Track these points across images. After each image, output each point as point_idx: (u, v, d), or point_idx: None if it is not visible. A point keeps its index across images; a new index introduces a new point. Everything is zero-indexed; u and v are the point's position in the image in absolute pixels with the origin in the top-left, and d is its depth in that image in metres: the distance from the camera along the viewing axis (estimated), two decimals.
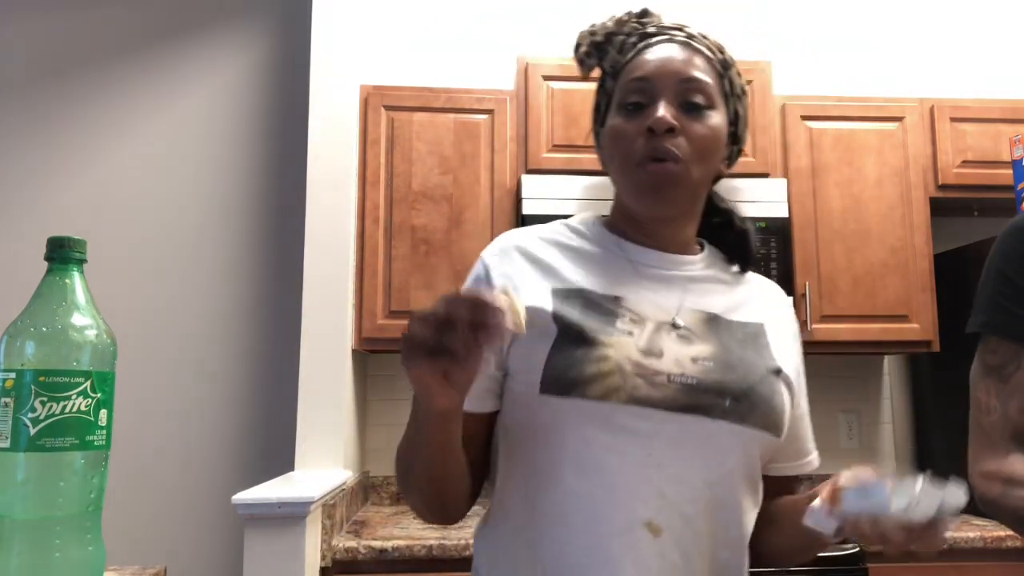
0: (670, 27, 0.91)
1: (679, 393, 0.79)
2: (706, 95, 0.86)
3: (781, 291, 1.00)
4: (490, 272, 0.89)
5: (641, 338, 0.82)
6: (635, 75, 0.87)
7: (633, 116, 0.86)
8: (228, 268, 2.60)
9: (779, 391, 0.84)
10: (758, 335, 0.88)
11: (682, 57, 0.86)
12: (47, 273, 0.76)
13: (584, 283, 0.86)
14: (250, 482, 2.48)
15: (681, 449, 0.79)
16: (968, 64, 2.86)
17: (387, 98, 2.33)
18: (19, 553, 0.69)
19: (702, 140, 0.85)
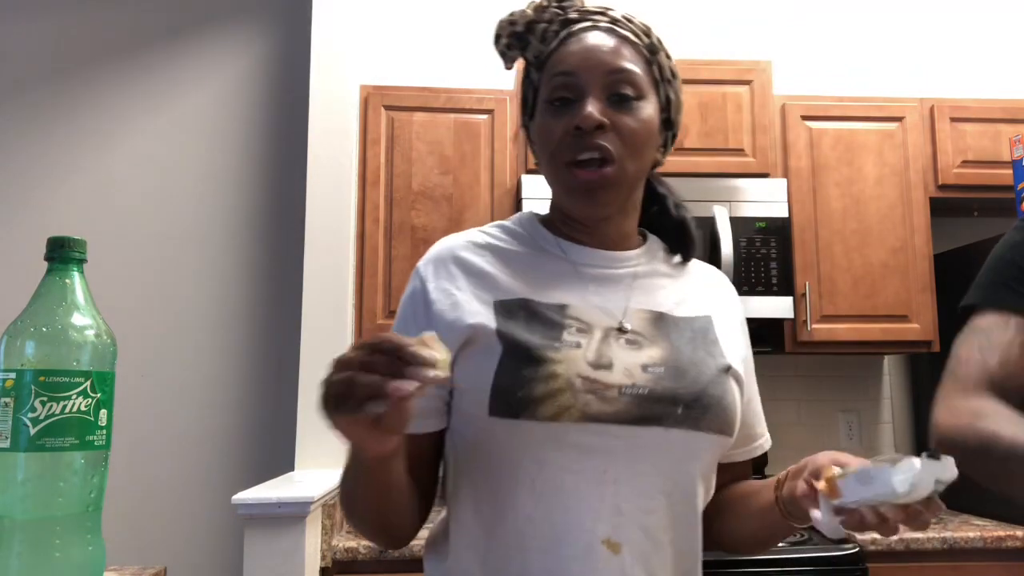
0: (593, 11, 0.87)
1: (631, 405, 0.77)
2: (635, 85, 0.82)
3: (723, 276, 0.99)
4: (427, 287, 0.85)
5: (590, 349, 0.79)
6: (559, 69, 0.83)
7: (560, 113, 0.82)
8: (228, 268, 2.60)
9: (730, 389, 0.83)
10: (707, 329, 0.86)
11: (608, 47, 0.83)
12: (47, 273, 0.76)
13: (526, 292, 0.82)
14: (250, 482, 2.48)
15: (637, 462, 0.77)
16: (968, 64, 2.86)
17: (387, 98, 2.33)
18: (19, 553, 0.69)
19: (633, 134, 0.82)
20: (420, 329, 0.75)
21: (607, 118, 0.80)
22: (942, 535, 1.95)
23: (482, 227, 0.92)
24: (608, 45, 0.83)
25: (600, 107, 0.80)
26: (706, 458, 0.82)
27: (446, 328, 0.79)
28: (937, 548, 1.95)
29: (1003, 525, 2.06)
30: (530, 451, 0.77)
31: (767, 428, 0.96)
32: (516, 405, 0.75)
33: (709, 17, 2.82)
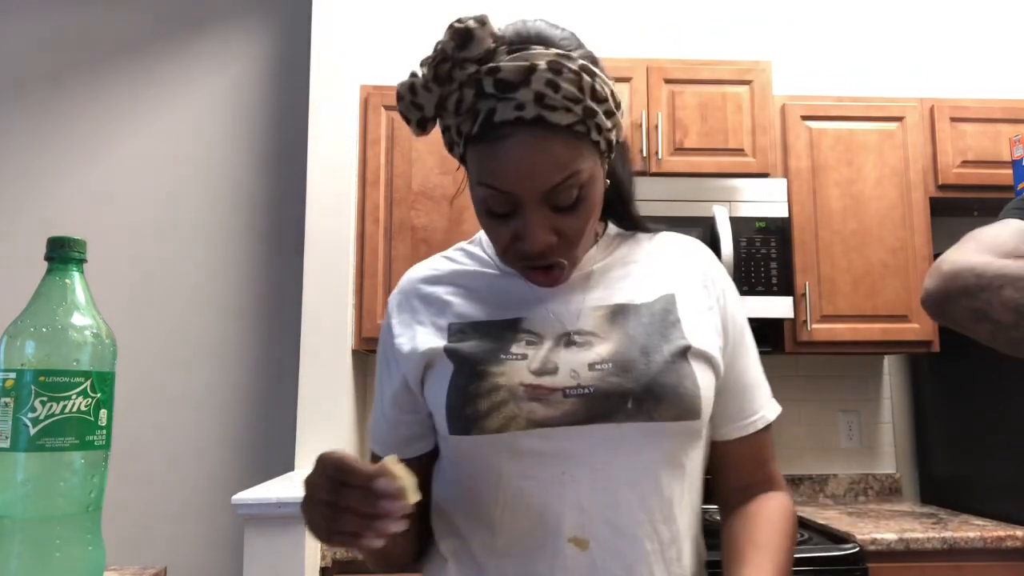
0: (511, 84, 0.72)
1: (577, 406, 0.76)
2: (575, 189, 0.75)
3: (696, 245, 0.92)
4: (391, 322, 0.89)
5: (535, 359, 0.79)
6: (489, 181, 0.75)
7: (499, 220, 0.78)
8: (228, 268, 2.60)
9: (687, 374, 0.79)
10: (667, 311, 0.83)
11: (540, 160, 0.72)
12: (47, 273, 0.76)
13: (480, 313, 0.84)
14: (250, 482, 2.48)
15: (593, 459, 0.77)
16: (968, 64, 2.86)
17: (387, 98, 2.33)
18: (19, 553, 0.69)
19: (580, 228, 0.77)
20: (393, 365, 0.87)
21: (554, 232, 0.76)
22: (942, 535, 1.95)
23: (446, 251, 0.95)
24: (541, 157, 0.72)
25: (541, 220, 0.75)
26: (670, 444, 0.79)
27: (405, 358, 0.84)
28: (937, 548, 1.94)
29: (1003, 525, 2.06)
30: (487, 463, 0.79)
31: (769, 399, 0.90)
32: (466, 421, 0.78)
33: (709, 17, 2.82)
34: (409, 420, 0.87)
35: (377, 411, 0.91)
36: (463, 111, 0.74)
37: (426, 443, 0.88)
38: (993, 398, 2.19)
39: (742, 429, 0.88)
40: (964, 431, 2.35)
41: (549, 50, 0.75)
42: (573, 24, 2.84)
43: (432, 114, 0.76)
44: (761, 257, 2.26)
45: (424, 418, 0.86)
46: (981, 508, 2.25)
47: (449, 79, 0.73)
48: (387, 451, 0.88)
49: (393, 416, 0.88)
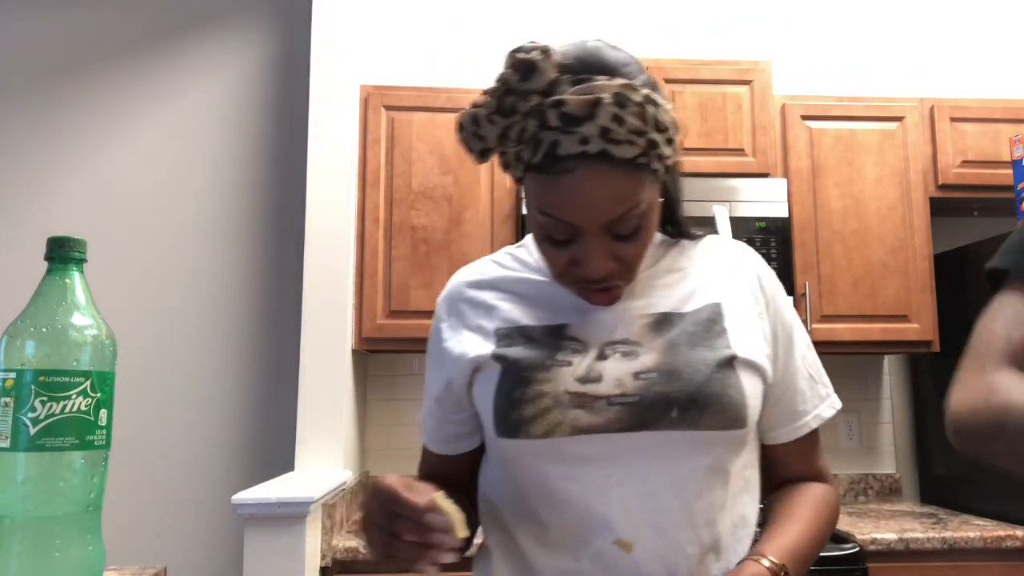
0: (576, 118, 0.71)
1: (622, 414, 0.77)
2: (638, 215, 0.76)
3: (743, 249, 0.91)
4: (440, 325, 0.91)
5: (580, 366, 0.80)
6: (550, 211, 0.75)
7: (558, 246, 0.78)
8: (228, 268, 2.60)
9: (733, 383, 0.79)
10: (713, 321, 0.83)
11: (601, 193, 0.73)
12: (47, 273, 0.76)
13: (527, 319, 0.85)
14: (250, 482, 2.48)
15: (638, 465, 0.78)
16: (968, 64, 2.86)
17: (387, 98, 2.33)
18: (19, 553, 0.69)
19: (638, 253, 0.79)
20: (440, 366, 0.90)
21: (613, 259, 0.77)
22: (942, 535, 1.95)
23: (494, 255, 0.95)
24: (602, 190, 0.73)
25: (600, 247, 0.76)
26: (715, 452, 0.80)
27: (454, 361, 0.86)
28: (937, 548, 1.94)
29: (1003, 525, 2.06)
30: (533, 466, 0.81)
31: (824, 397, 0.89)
32: (512, 426, 0.80)
33: (709, 17, 2.82)
34: (455, 420, 0.89)
35: (428, 406, 0.93)
36: (525, 140, 0.74)
37: (473, 441, 0.91)
38: None
39: (791, 433, 0.88)
40: None
41: (613, 81, 0.73)
42: (573, 24, 2.85)
43: (494, 145, 0.76)
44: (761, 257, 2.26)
45: (469, 418, 0.89)
46: (981, 508, 2.24)
47: (513, 111, 0.73)
48: (436, 447, 0.94)
49: (439, 415, 0.91)
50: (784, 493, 0.89)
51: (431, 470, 0.96)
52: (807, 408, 0.88)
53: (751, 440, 0.86)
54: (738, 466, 0.83)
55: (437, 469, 0.95)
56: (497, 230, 2.29)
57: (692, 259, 0.89)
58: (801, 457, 0.90)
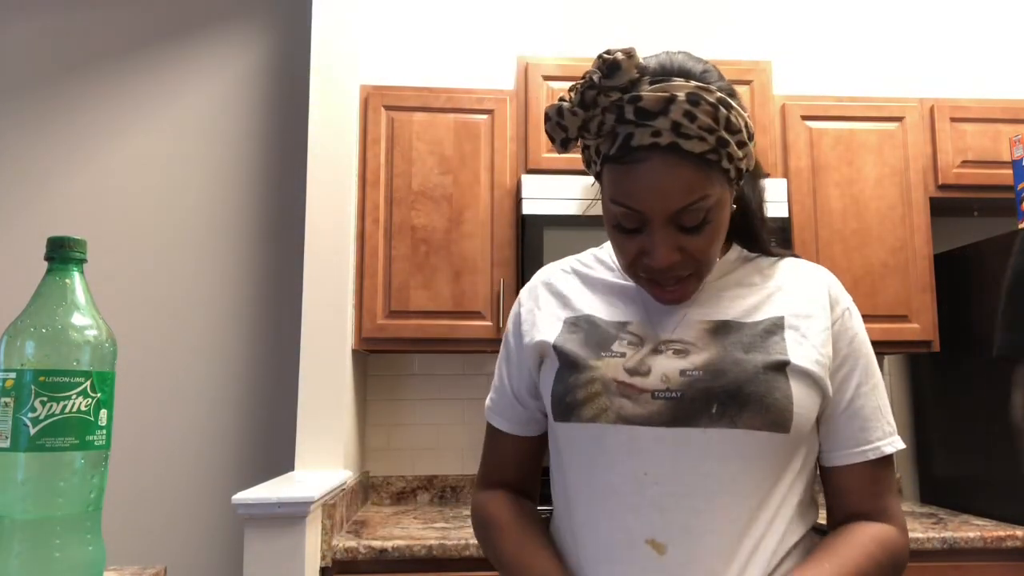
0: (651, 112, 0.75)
1: (664, 408, 0.80)
2: (704, 208, 0.78)
3: (818, 271, 0.91)
4: (520, 310, 0.98)
5: (632, 359, 0.83)
6: (621, 199, 0.79)
7: (628, 234, 0.82)
8: (228, 268, 2.60)
9: (780, 386, 0.79)
10: (771, 332, 0.83)
11: (671, 183, 0.76)
12: (47, 273, 0.76)
13: (593, 311, 0.90)
14: (250, 482, 2.48)
15: (675, 463, 0.79)
16: (968, 64, 2.86)
17: (387, 98, 2.33)
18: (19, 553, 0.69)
19: (707, 250, 0.81)
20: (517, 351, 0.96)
21: (679, 250, 0.80)
22: (942, 535, 1.95)
23: (580, 255, 1.01)
24: (672, 180, 0.76)
25: (668, 238, 0.79)
26: (755, 454, 0.78)
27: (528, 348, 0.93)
28: (937, 548, 1.94)
29: (1003, 525, 2.06)
30: (581, 452, 0.85)
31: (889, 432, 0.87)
32: (564, 409, 0.85)
33: (709, 17, 2.82)
34: (531, 405, 0.96)
35: (501, 387, 0.98)
36: (603, 133, 0.79)
37: (538, 427, 0.98)
38: (993, 398, 2.19)
39: (853, 457, 0.86)
40: (964, 431, 2.35)
41: (689, 82, 0.77)
42: (573, 24, 2.85)
43: (575, 135, 0.80)
44: None
45: (536, 405, 0.96)
46: (981, 508, 2.24)
47: (594, 104, 0.78)
48: (507, 427, 0.98)
49: (518, 393, 0.96)
50: (842, 528, 0.85)
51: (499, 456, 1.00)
52: (871, 437, 0.86)
53: (802, 455, 0.83)
54: (784, 479, 0.81)
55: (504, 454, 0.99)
56: (497, 230, 2.29)
57: (765, 276, 0.90)
58: (865, 489, 0.86)
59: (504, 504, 0.96)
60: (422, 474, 2.53)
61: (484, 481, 1.01)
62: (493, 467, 1.00)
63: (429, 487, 2.52)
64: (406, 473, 2.53)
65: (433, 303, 2.24)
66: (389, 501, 2.50)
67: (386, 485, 2.51)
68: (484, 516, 0.96)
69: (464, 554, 1.84)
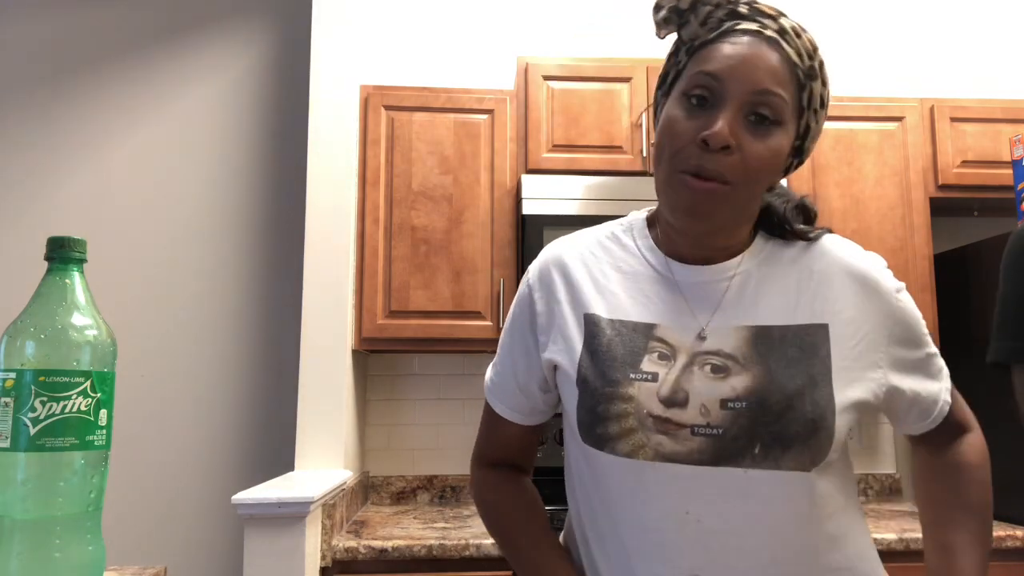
0: (765, 13, 0.79)
1: (704, 445, 0.75)
2: (776, 110, 0.76)
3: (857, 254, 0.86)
4: (533, 296, 0.90)
5: (666, 383, 0.78)
6: (707, 68, 0.77)
7: (693, 113, 0.77)
8: (228, 268, 2.60)
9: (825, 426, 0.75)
10: (817, 345, 0.79)
11: (764, 62, 0.76)
12: (47, 273, 0.76)
13: (617, 311, 0.83)
14: (250, 482, 2.48)
15: (718, 503, 0.76)
16: (968, 64, 2.86)
17: (387, 98, 2.33)
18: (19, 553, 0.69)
19: (758, 161, 0.76)
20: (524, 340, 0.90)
21: (736, 139, 0.75)
22: None
23: (598, 229, 0.93)
24: (765, 60, 0.76)
25: (733, 124, 0.75)
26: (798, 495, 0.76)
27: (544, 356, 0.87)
28: None
29: (1003, 525, 2.06)
30: (619, 482, 0.79)
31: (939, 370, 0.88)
32: (597, 439, 0.79)
33: None
34: (537, 396, 0.91)
35: (506, 372, 0.93)
36: (709, 24, 0.79)
37: (545, 416, 0.95)
38: (993, 398, 2.19)
39: (928, 426, 0.88)
40: None
41: None
42: (573, 24, 2.85)
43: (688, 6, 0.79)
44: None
45: (550, 398, 0.91)
46: None
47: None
48: (509, 414, 0.94)
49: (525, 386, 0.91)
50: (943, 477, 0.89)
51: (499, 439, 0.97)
52: (937, 398, 0.87)
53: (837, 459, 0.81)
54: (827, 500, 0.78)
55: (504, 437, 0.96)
56: (497, 230, 2.29)
57: (803, 265, 0.84)
58: (944, 431, 0.89)
59: (511, 490, 0.94)
60: (422, 474, 2.53)
61: (482, 458, 0.98)
62: (491, 446, 0.97)
63: (429, 487, 2.52)
64: (406, 473, 2.53)
65: (433, 303, 2.24)
66: (389, 501, 2.50)
67: (386, 485, 2.51)
68: (492, 501, 0.95)
69: (464, 554, 1.84)
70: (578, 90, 2.35)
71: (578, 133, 2.33)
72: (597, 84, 2.34)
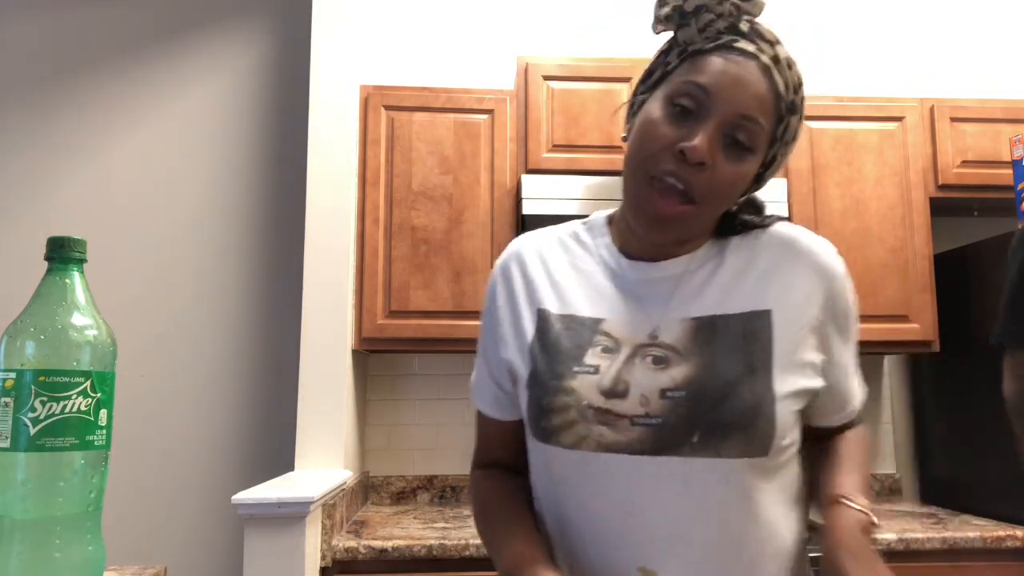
0: (764, 37, 0.79)
1: (645, 435, 0.76)
2: (753, 138, 0.77)
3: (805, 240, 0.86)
4: (495, 293, 0.92)
5: (607, 374, 0.79)
6: (699, 79, 0.77)
7: (675, 121, 0.78)
8: (228, 268, 2.60)
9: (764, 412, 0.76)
10: (758, 331, 0.79)
11: (753, 87, 0.77)
12: (47, 273, 0.76)
13: (568, 306, 0.85)
14: (250, 482, 2.48)
15: (660, 492, 0.76)
16: (968, 64, 2.86)
17: (387, 98, 2.33)
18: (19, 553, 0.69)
19: (726, 183, 0.77)
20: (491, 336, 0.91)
21: (712, 157, 0.76)
22: (942, 535, 1.95)
23: (558, 228, 0.95)
24: (755, 85, 0.77)
25: (712, 142, 0.76)
26: (740, 481, 0.76)
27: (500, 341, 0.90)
28: (937, 548, 1.94)
29: (1003, 525, 2.06)
30: (567, 474, 0.81)
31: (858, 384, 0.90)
32: (542, 432, 0.81)
33: None
34: (510, 391, 0.90)
35: (481, 369, 0.94)
36: (707, 33, 0.79)
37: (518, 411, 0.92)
38: (993, 398, 2.19)
39: (841, 420, 0.90)
40: (964, 431, 2.35)
41: None
42: (573, 24, 2.85)
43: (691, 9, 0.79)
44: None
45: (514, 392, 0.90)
46: (981, 508, 2.24)
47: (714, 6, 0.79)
48: (489, 410, 0.94)
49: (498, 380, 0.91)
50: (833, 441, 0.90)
51: (488, 439, 0.97)
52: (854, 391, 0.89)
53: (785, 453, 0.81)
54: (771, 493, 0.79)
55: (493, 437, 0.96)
56: (497, 230, 2.29)
57: (752, 253, 0.85)
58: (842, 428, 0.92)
59: (496, 485, 0.94)
60: (422, 474, 2.53)
61: (477, 461, 0.99)
62: (484, 448, 0.98)
63: (429, 487, 2.52)
64: (406, 473, 2.53)
65: (433, 303, 2.24)
66: (389, 501, 2.50)
67: (386, 485, 2.51)
68: (476, 494, 0.95)
69: (464, 554, 1.84)
70: (578, 90, 2.35)
71: (578, 133, 2.33)
72: (597, 84, 2.34)
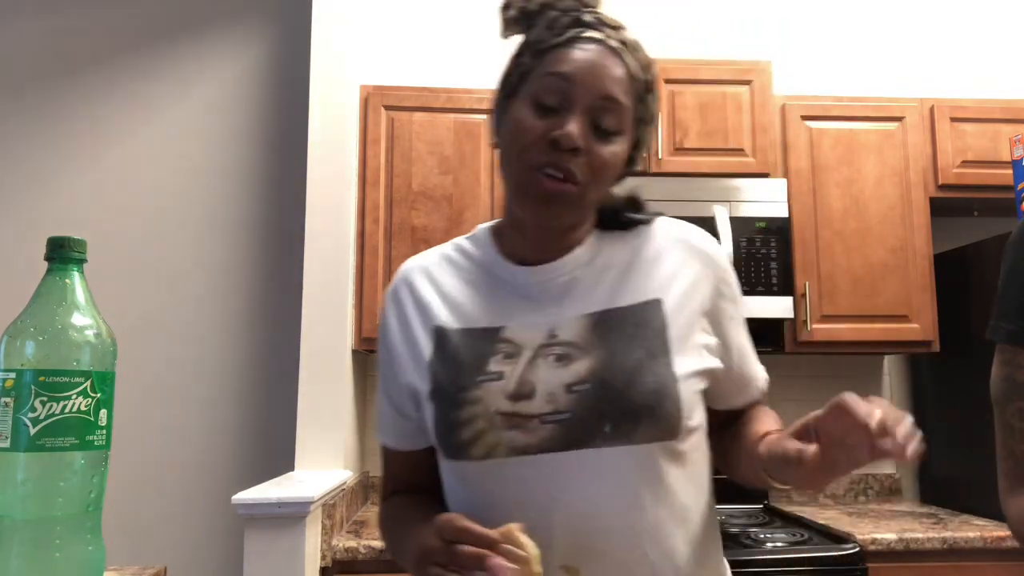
0: (608, 24, 0.83)
1: (555, 432, 0.77)
2: (619, 119, 0.80)
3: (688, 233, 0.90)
4: (389, 322, 0.90)
5: (512, 379, 0.79)
6: (558, 69, 0.79)
7: (542, 117, 0.79)
8: (228, 268, 2.60)
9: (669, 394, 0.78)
10: (651, 318, 0.82)
11: (610, 70, 0.80)
12: (47, 273, 0.76)
13: (463, 319, 0.85)
14: (250, 482, 2.48)
15: (579, 485, 0.77)
16: (968, 64, 2.86)
17: (387, 98, 2.33)
18: (19, 553, 0.69)
19: (604, 164, 0.80)
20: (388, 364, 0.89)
21: (585, 142, 0.78)
22: (942, 535, 1.95)
23: (444, 246, 0.95)
24: (611, 69, 0.80)
25: (581, 128, 0.78)
26: (652, 466, 0.78)
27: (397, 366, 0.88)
28: (937, 548, 1.94)
29: (1003, 525, 2.06)
30: (479, 487, 0.80)
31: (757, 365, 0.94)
32: (452, 449, 0.80)
33: (709, 17, 2.82)
34: (414, 417, 0.88)
35: (384, 406, 0.92)
36: (555, 29, 0.82)
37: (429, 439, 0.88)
38: None
39: (745, 400, 0.93)
40: (964, 431, 2.35)
41: None
42: None
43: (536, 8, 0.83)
44: (761, 257, 2.26)
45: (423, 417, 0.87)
46: (981, 508, 2.24)
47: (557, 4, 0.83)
48: (395, 443, 0.91)
49: (400, 408, 0.89)
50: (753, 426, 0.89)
51: (397, 471, 0.94)
52: (755, 372, 0.93)
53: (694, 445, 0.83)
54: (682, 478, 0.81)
55: (402, 469, 0.93)
56: None
57: (637, 248, 0.88)
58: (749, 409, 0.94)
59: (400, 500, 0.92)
60: None
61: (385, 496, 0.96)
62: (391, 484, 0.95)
63: None
64: None
65: None
66: None
67: None
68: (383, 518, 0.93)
69: None
70: None
71: None
72: None
